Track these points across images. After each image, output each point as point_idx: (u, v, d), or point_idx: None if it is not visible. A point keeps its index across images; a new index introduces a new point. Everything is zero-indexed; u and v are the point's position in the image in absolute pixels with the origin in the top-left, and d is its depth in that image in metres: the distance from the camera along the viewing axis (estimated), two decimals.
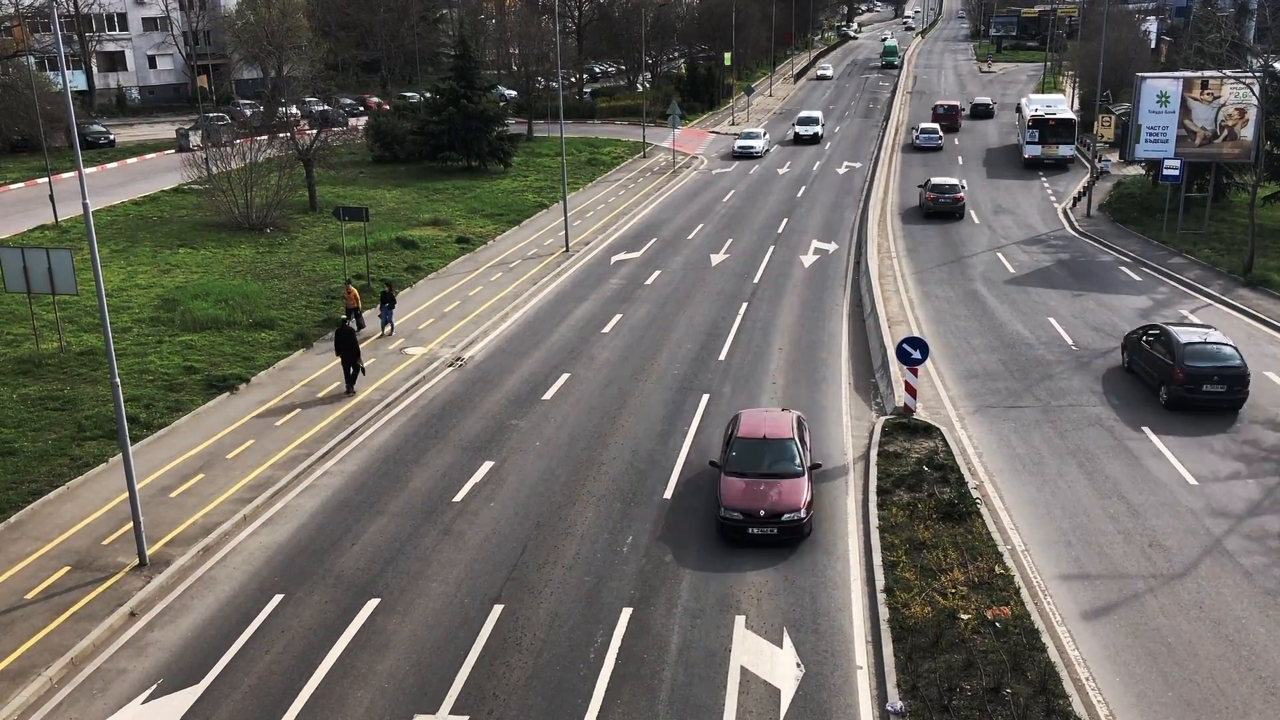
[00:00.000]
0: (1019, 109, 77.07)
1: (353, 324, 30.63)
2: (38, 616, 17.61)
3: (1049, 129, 65.14)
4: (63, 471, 22.87)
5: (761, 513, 19.48)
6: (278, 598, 18.35)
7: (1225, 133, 45.91)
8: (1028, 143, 65.76)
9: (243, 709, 15.42)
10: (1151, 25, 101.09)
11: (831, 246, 46.08)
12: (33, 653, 16.63)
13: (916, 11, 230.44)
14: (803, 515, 19.59)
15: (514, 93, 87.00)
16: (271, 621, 17.64)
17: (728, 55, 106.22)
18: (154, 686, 15.97)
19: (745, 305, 36.68)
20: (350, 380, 28.00)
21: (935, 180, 52.94)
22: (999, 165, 67.69)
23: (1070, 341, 31.91)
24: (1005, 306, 36.05)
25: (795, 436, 21.36)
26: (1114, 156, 62.70)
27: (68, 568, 19.13)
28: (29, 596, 18.22)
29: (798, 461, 20.69)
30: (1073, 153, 66.24)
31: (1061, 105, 69.59)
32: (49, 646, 16.78)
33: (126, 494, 19.49)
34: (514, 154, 66.15)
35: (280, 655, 16.71)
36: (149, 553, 19.36)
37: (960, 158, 70.63)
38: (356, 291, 32.75)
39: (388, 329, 32.73)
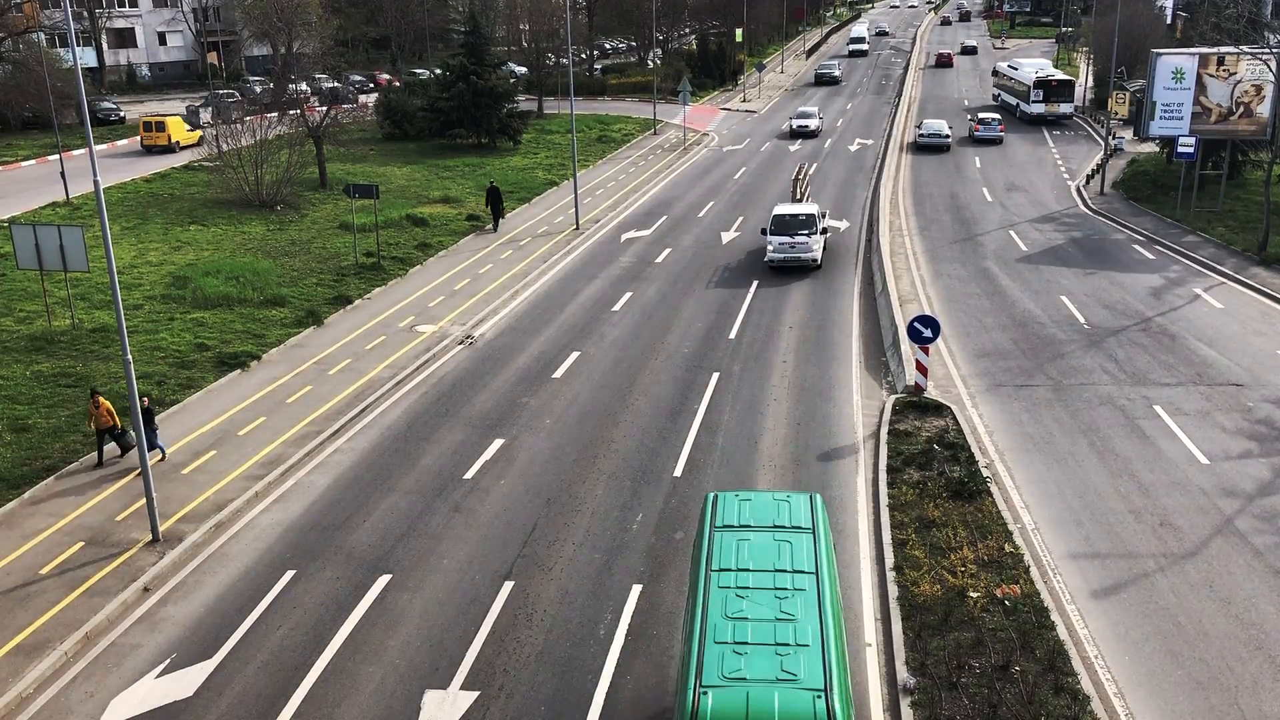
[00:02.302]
0: (996, 72, 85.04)
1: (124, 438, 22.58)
2: (53, 591, 17.76)
3: (1052, 89, 72.30)
4: (76, 448, 23.00)
5: None
6: (290, 574, 18.47)
7: (1241, 110, 45.48)
8: (1033, 101, 72.51)
9: (255, 683, 15.55)
10: (1167, 0, 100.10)
11: (843, 224, 45.89)
12: (48, 627, 16.79)
13: None
14: None
15: (524, 69, 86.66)
16: (284, 597, 17.76)
17: (739, 31, 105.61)
18: (167, 661, 16.11)
19: (756, 283, 36.59)
20: (495, 221, 44.13)
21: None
22: (1013, 144, 67.24)
23: (1083, 320, 31.78)
24: (1017, 285, 35.90)
25: None
26: (1128, 133, 62.26)
27: (82, 543, 19.28)
28: (44, 571, 18.37)
29: None
30: (1072, 109, 72.83)
31: (1050, 68, 77.85)
32: (64, 621, 16.93)
33: (139, 470, 19.59)
34: (524, 131, 66.01)
35: (292, 631, 16.82)
36: (162, 529, 19.49)
37: None
38: (109, 405, 22.36)
39: (156, 456, 22.35)
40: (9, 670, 15.75)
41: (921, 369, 25.83)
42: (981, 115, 68.75)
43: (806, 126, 71.05)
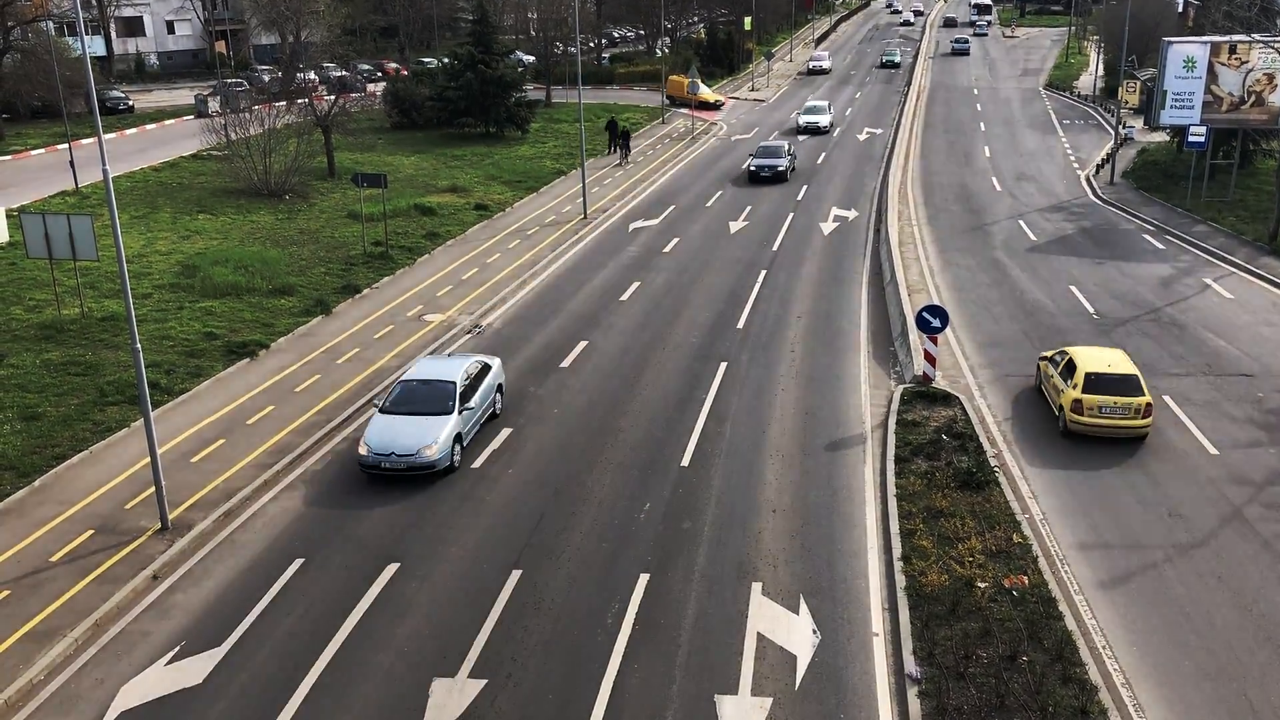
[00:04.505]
0: (967, 3, 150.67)
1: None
2: (62, 579, 17.84)
3: (980, 9, 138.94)
4: (85, 436, 23.09)
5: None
6: (298, 562, 18.53)
7: (1253, 98, 45.25)
8: (972, 18, 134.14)
9: (264, 671, 15.61)
10: None
11: (851, 213, 45.79)
12: (58, 614, 16.87)
13: None
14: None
15: (532, 58, 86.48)
16: (292, 585, 17.82)
17: (748, 20, 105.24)
18: (177, 648, 16.18)
19: (764, 273, 36.53)
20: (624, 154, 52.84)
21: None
22: (1022, 132, 67.01)
23: (1092, 310, 31.68)
24: (1026, 274, 35.80)
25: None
26: (1138, 123, 61.99)
27: (91, 531, 19.36)
28: (54, 559, 18.45)
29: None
30: (994, 17, 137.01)
31: None
32: (74, 608, 17.02)
33: (148, 459, 19.68)
34: (532, 120, 65.87)
35: (301, 618, 16.88)
36: (171, 517, 19.55)
37: (983, 124, 69.96)
38: None
39: None
40: (20, 657, 15.84)
41: (930, 358, 25.78)
42: (975, 21, 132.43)
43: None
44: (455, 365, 23.39)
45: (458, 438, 21.77)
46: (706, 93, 77.14)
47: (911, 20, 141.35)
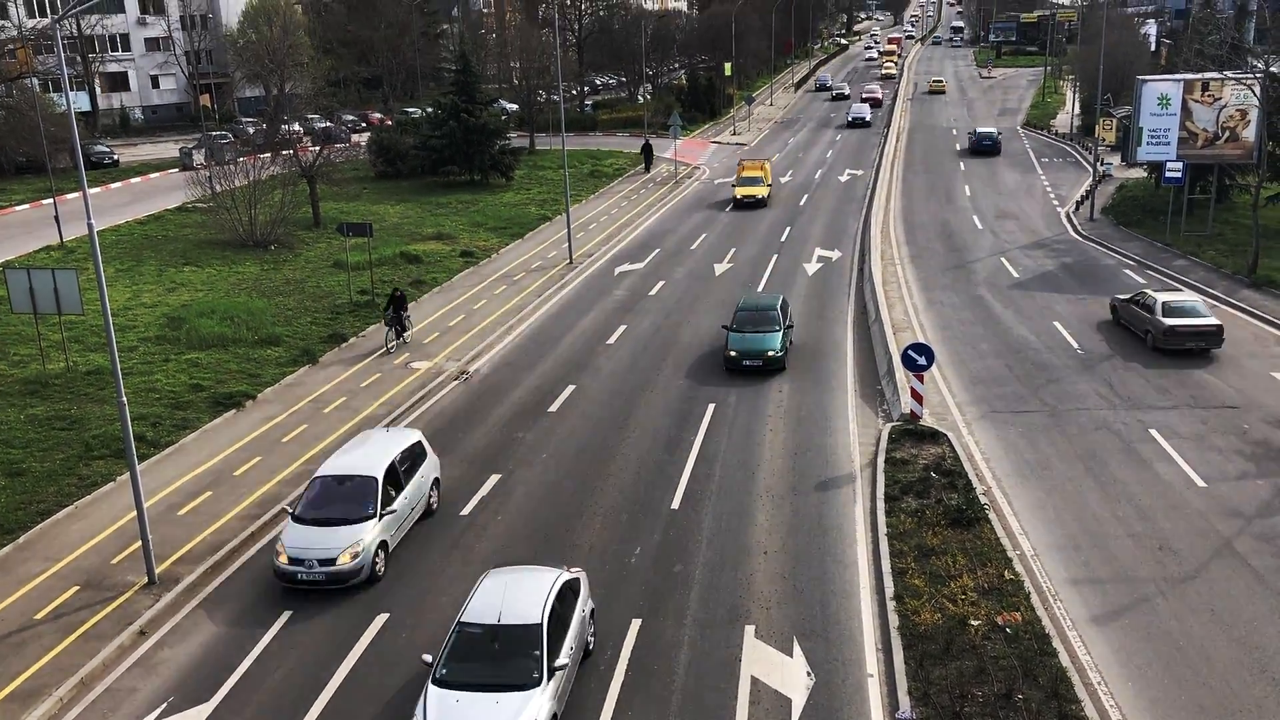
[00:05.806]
0: (951, 27, 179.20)
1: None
2: (48, 636, 17.62)
3: (955, 30, 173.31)
4: (71, 491, 22.91)
5: None
6: (287, 614, 18.35)
7: (1227, 134, 45.85)
8: (952, 35, 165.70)
9: None
10: (1151, 28, 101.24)
11: (835, 254, 46.07)
12: (43, 673, 16.64)
13: (915, 18, 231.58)
14: None
15: (515, 106, 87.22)
16: (281, 638, 17.64)
17: (728, 65, 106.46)
18: (164, 705, 15.97)
19: None
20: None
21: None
22: (1002, 171, 67.74)
23: (1076, 345, 31.86)
24: (1010, 311, 36.02)
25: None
26: (1116, 159, 62.73)
27: (77, 587, 19.15)
28: (39, 616, 18.23)
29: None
30: (963, 38, 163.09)
31: (964, 25, 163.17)
32: (59, 666, 16.79)
33: (134, 513, 19.50)
34: (516, 167, 66.28)
35: (290, 672, 16.69)
36: (158, 571, 19.37)
37: (963, 164, 70.68)
38: None
39: None
40: (4, 717, 15.59)
41: (917, 396, 25.84)
42: (953, 38, 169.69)
43: None
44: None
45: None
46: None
47: (868, 119, 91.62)
